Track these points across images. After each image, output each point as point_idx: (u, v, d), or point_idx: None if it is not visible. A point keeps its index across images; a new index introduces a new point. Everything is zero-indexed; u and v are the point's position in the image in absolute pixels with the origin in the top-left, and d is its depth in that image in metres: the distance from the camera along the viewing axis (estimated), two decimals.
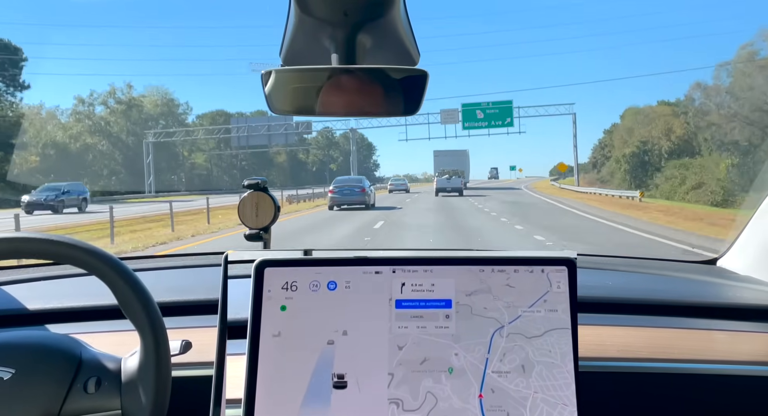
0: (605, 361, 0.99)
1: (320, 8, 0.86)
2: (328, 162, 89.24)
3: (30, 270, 1.38)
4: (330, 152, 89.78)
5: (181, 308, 1.08)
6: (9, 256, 0.75)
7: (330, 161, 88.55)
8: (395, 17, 0.87)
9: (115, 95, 58.10)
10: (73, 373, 0.75)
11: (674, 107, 41.50)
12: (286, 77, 0.91)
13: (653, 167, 38.17)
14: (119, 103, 58.25)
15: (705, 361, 1.00)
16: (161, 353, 0.75)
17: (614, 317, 1.11)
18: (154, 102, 62.62)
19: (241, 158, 76.77)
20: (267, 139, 51.12)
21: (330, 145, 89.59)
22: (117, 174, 55.20)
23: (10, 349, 0.76)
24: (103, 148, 54.71)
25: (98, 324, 1.07)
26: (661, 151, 38.28)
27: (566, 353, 0.79)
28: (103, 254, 0.75)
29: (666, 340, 1.05)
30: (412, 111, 0.90)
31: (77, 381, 0.75)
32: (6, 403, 0.72)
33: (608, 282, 1.35)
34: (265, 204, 1.07)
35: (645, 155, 39.42)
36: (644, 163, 39.24)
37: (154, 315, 0.75)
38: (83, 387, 0.75)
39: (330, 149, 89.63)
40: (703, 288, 1.34)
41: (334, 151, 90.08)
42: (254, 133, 50.77)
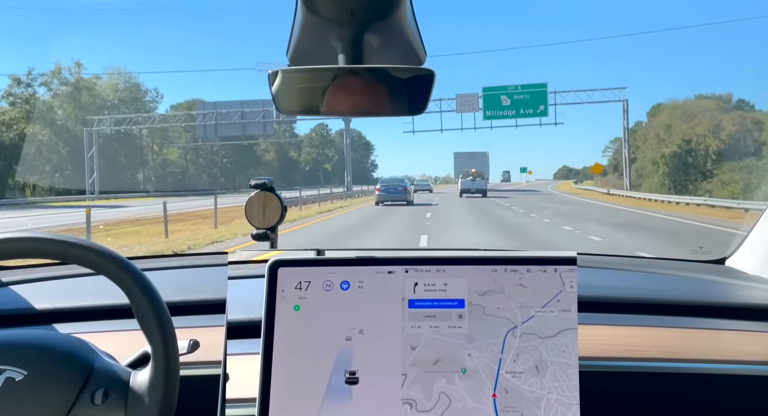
0: (613, 361, 1.12)
1: (327, 8, 0.99)
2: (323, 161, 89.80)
3: (37, 270, 1.55)
4: (325, 151, 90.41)
5: (188, 307, 1.22)
6: (20, 256, 0.87)
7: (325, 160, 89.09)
8: (402, 16, 1.01)
9: (60, 75, 54.22)
10: (83, 381, 0.86)
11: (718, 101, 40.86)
12: (293, 77, 1.05)
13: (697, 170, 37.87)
14: (65, 84, 54.54)
15: (714, 361, 1.13)
16: (170, 365, 0.86)
17: (622, 316, 1.25)
18: (112, 86, 59.58)
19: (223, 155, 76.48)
20: (241, 129, 49.40)
21: (325, 143, 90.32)
22: (62, 170, 52.06)
23: (23, 349, 0.88)
24: (44, 138, 51.18)
25: (106, 323, 1.21)
26: (708, 151, 38.03)
27: (578, 353, 0.92)
28: (112, 255, 0.88)
29: (674, 340, 1.18)
30: (418, 111, 1.04)
31: (85, 391, 0.86)
32: (17, 404, 0.83)
33: (616, 282, 1.50)
34: (272, 204, 1.22)
35: (689, 156, 39.00)
36: (687, 165, 38.75)
37: (165, 323, 0.87)
38: (90, 398, 0.85)
39: (325, 147, 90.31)
40: (711, 288, 1.49)
41: (329, 149, 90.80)
42: (225, 121, 48.53)
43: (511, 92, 40.40)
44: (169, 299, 0.93)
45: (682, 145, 39.29)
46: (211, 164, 77.10)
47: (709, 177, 36.80)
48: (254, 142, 69.50)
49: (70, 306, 1.26)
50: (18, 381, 0.84)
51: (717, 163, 36.93)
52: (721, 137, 38.62)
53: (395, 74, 1.03)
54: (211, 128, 49.73)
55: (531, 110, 40.45)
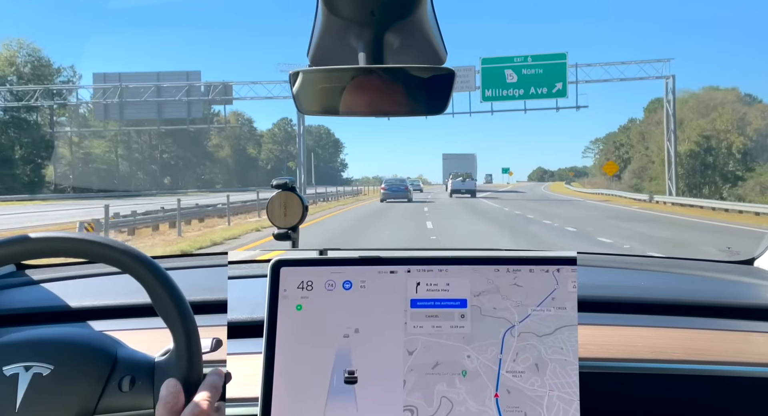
0: (638, 363, 1.28)
1: (347, 8, 1.14)
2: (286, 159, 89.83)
3: (64, 269, 1.77)
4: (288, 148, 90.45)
5: (206, 306, 1.39)
6: (49, 255, 1.02)
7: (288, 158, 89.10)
8: (422, 16, 1.17)
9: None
10: (108, 371, 1.02)
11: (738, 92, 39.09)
12: (314, 78, 1.20)
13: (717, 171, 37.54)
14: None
15: (742, 364, 1.28)
16: (193, 353, 1.03)
17: (647, 317, 1.42)
18: (7, 59, 56.19)
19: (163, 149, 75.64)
20: (155, 109, 44.64)
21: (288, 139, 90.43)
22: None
23: (49, 345, 1.04)
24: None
25: (132, 321, 1.39)
26: (730, 149, 37.85)
27: (577, 350, 1.08)
28: (139, 255, 1.03)
29: (701, 341, 1.34)
30: (438, 111, 1.20)
31: (112, 379, 1.02)
32: (45, 398, 0.99)
33: (642, 282, 1.68)
34: (293, 204, 1.39)
35: (708, 155, 38.54)
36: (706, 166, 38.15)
37: (186, 315, 1.03)
38: (118, 386, 1.02)
39: (288, 144, 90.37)
40: (739, 289, 1.68)
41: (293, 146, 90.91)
42: (132, 98, 43.62)
43: (519, 65, 34.88)
44: (192, 299, 1.09)
45: (701, 142, 38.23)
46: (149, 161, 76.03)
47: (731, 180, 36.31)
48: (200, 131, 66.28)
49: (98, 305, 1.46)
50: (45, 375, 1.00)
51: (742, 163, 36.40)
52: (747, 133, 37.68)
53: (415, 74, 1.18)
54: (114, 108, 44.73)
55: (544, 88, 34.84)
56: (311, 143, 71.94)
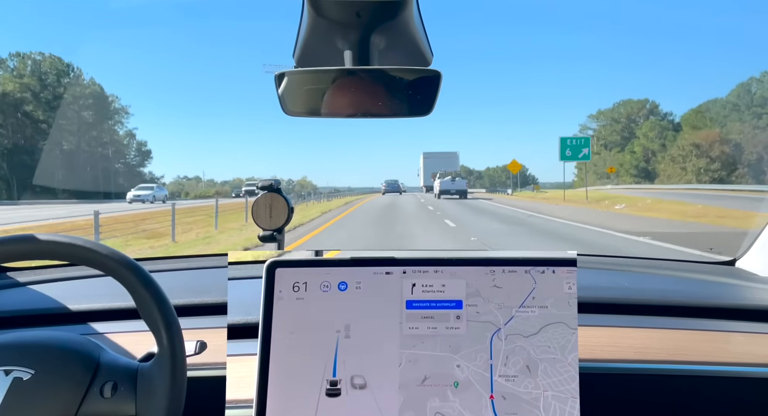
0: (621, 363, 1.31)
1: (333, 10, 1.16)
2: None
3: (46, 271, 1.75)
4: None
5: (194, 309, 1.38)
6: (29, 257, 1.01)
7: None
8: (408, 18, 1.19)
9: None
10: (90, 376, 1.01)
11: None
12: (299, 79, 1.22)
13: None
14: None
15: (723, 363, 1.32)
16: (177, 357, 1.02)
17: (630, 318, 1.45)
18: None
19: None
20: None
21: None
22: None
23: (30, 349, 1.02)
24: None
25: (116, 324, 1.37)
26: None
27: (564, 346, 1.10)
28: (122, 257, 1.03)
29: (683, 342, 1.37)
30: (425, 112, 1.22)
31: (94, 385, 1.01)
32: (25, 403, 0.97)
33: (624, 283, 1.72)
34: (278, 205, 1.39)
35: None
36: None
37: (170, 319, 1.02)
38: (100, 391, 1.01)
39: None
40: (721, 289, 1.73)
41: None
42: None
43: None
44: (176, 301, 1.09)
45: None
46: None
47: None
48: None
49: (80, 308, 1.44)
50: (26, 380, 0.98)
51: None
52: None
53: (402, 75, 1.21)
54: None
55: None
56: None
